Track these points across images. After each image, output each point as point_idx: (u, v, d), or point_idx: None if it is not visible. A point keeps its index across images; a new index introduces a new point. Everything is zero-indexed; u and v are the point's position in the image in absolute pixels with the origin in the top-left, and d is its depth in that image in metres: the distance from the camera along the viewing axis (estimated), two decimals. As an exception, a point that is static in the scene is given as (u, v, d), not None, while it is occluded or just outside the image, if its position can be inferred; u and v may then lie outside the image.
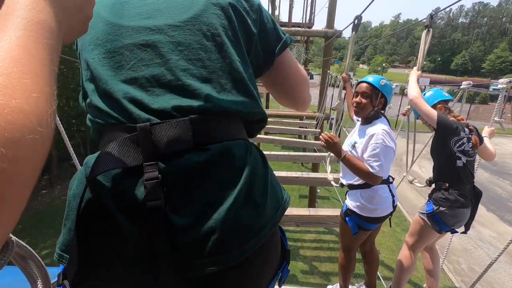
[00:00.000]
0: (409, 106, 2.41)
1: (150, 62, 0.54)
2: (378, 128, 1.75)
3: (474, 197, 1.96)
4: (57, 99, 0.29)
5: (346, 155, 1.82)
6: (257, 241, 0.53)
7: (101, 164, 0.49)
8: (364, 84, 1.88)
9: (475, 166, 2.11)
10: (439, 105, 2.07)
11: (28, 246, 0.42)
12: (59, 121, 1.65)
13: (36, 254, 0.44)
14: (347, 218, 1.99)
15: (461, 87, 2.26)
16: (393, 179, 2.01)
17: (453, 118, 2.02)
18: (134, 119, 0.51)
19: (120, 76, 0.54)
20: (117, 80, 0.54)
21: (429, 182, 2.08)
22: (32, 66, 0.26)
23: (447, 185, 1.95)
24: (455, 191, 1.92)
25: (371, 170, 1.72)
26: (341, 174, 2.07)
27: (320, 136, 1.91)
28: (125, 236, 0.49)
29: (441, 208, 1.94)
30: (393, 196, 1.94)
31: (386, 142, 1.70)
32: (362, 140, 1.82)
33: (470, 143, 1.91)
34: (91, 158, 0.53)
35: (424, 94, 2.17)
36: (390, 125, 1.91)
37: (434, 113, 1.96)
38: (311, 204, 9.34)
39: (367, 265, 2.31)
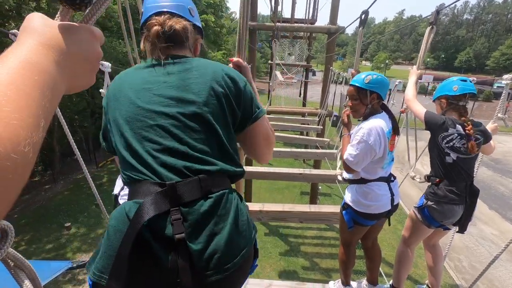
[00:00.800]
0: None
1: (168, 138, 0.81)
2: (368, 124, 1.82)
3: (469, 195, 1.91)
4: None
5: (345, 136, 1.99)
6: (243, 257, 0.82)
7: (145, 214, 0.72)
8: (350, 87, 1.94)
9: (476, 165, 2.06)
10: (442, 99, 2.03)
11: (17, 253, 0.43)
12: (62, 117, 1.67)
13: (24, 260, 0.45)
14: (343, 212, 2.05)
15: None
16: (395, 178, 2.00)
17: (455, 115, 1.96)
18: (161, 177, 0.78)
19: (147, 146, 0.81)
20: (145, 149, 0.81)
21: (427, 178, 2.08)
22: (15, 98, 0.28)
23: (437, 180, 1.96)
24: (445, 187, 1.91)
25: (344, 156, 1.85)
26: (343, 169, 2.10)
27: (343, 113, 2.08)
28: (157, 260, 0.73)
29: (429, 203, 1.95)
30: (392, 194, 1.93)
31: (365, 137, 1.77)
32: (353, 132, 1.94)
33: (463, 141, 1.87)
34: (131, 206, 0.77)
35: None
36: (393, 120, 1.93)
37: (422, 112, 2.03)
38: (313, 201, 9.36)
39: (369, 261, 2.29)
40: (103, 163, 14.21)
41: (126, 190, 1.81)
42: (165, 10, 0.93)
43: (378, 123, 1.80)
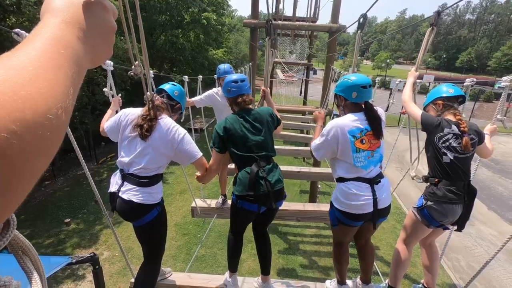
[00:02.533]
0: None
1: (259, 147, 2.08)
2: (333, 121, 2.00)
3: (467, 194, 1.94)
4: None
5: (318, 127, 2.24)
6: (282, 183, 2.16)
7: (254, 169, 2.05)
8: None
9: (475, 165, 2.09)
10: (438, 101, 2.09)
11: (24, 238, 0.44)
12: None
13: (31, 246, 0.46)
14: (330, 211, 2.12)
15: (464, 84, 2.25)
16: (379, 180, 1.95)
17: (450, 116, 2.01)
18: (256, 158, 2.09)
19: (250, 152, 2.08)
20: (249, 153, 2.08)
21: (425, 178, 2.10)
22: (44, 70, 0.32)
23: (436, 180, 1.98)
24: (444, 187, 1.94)
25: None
26: None
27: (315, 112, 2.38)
28: (260, 185, 2.03)
29: (429, 203, 1.97)
30: (375, 197, 1.90)
31: (325, 132, 1.98)
32: None
33: (459, 140, 1.91)
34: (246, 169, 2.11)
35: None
36: (373, 120, 1.94)
37: (417, 113, 2.10)
38: (312, 199, 9.37)
39: (361, 261, 2.31)
40: (103, 160, 14.22)
41: (127, 186, 1.90)
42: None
43: (342, 121, 1.93)
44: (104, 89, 2.07)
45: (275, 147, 2.24)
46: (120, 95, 2.25)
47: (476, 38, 77.81)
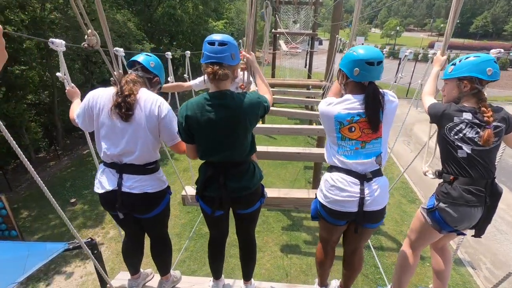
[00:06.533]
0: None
1: (226, 148, 1.61)
2: (326, 100, 1.74)
3: (490, 195, 1.60)
4: None
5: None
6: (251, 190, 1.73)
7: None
8: None
9: (497, 157, 1.70)
10: (465, 81, 1.66)
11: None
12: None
13: None
14: (313, 200, 1.85)
15: (493, 54, 1.75)
16: (371, 178, 1.59)
17: (470, 102, 1.66)
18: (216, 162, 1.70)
19: (213, 153, 1.64)
20: (211, 154, 1.66)
21: (438, 173, 1.78)
22: None
23: (451, 177, 1.65)
24: (460, 186, 1.61)
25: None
26: None
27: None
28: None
29: (441, 204, 1.65)
30: (362, 195, 1.57)
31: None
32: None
33: (476, 129, 1.57)
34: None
35: (460, 61, 1.73)
36: (371, 105, 1.57)
37: (426, 105, 1.80)
38: (316, 178, 9.15)
39: (345, 269, 1.99)
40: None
41: (131, 179, 1.67)
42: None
43: (330, 105, 1.63)
44: (58, 74, 1.78)
45: (275, 126, 1.90)
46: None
47: (493, 1, 73.14)
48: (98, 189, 1.71)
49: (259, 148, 4.21)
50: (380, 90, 1.57)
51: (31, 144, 11.22)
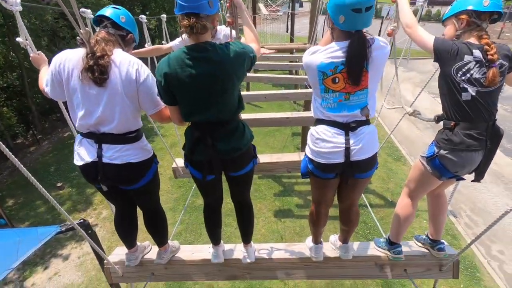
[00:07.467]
0: (395, 24, 1.96)
1: (210, 105, 1.52)
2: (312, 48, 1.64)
3: (490, 138, 1.57)
4: None
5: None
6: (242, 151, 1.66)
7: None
8: None
9: (498, 97, 1.64)
10: (462, 16, 1.59)
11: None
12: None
13: None
14: (303, 158, 1.80)
15: None
16: (355, 126, 1.55)
17: (473, 39, 1.58)
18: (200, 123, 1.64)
19: (197, 112, 1.55)
20: (195, 114, 1.57)
21: (437, 119, 1.75)
22: None
23: (452, 124, 1.61)
24: (461, 131, 1.58)
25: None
26: None
27: None
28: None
29: (442, 151, 1.62)
30: (347, 145, 1.53)
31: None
32: None
33: (483, 69, 1.50)
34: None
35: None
36: (352, 52, 1.46)
37: (429, 39, 1.63)
38: (304, 143, 9.26)
39: (343, 224, 2.01)
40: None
41: (111, 149, 1.58)
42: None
43: (313, 54, 1.53)
44: (18, 39, 1.57)
45: (261, 92, 1.80)
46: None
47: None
48: (77, 161, 1.62)
49: (247, 116, 4.14)
50: (369, 36, 1.46)
51: (6, 130, 10.67)
